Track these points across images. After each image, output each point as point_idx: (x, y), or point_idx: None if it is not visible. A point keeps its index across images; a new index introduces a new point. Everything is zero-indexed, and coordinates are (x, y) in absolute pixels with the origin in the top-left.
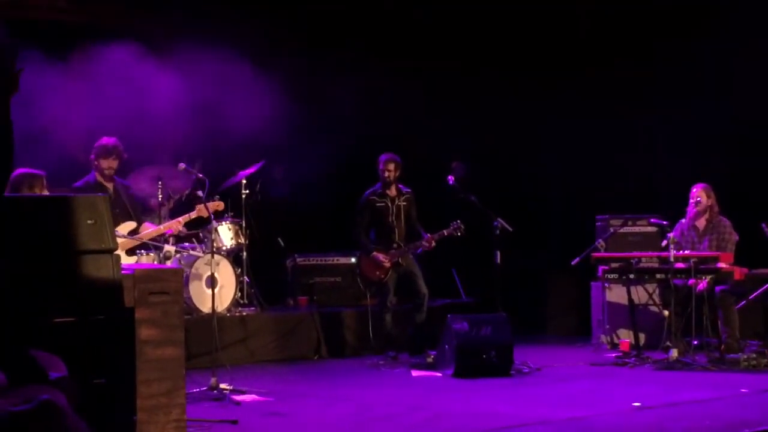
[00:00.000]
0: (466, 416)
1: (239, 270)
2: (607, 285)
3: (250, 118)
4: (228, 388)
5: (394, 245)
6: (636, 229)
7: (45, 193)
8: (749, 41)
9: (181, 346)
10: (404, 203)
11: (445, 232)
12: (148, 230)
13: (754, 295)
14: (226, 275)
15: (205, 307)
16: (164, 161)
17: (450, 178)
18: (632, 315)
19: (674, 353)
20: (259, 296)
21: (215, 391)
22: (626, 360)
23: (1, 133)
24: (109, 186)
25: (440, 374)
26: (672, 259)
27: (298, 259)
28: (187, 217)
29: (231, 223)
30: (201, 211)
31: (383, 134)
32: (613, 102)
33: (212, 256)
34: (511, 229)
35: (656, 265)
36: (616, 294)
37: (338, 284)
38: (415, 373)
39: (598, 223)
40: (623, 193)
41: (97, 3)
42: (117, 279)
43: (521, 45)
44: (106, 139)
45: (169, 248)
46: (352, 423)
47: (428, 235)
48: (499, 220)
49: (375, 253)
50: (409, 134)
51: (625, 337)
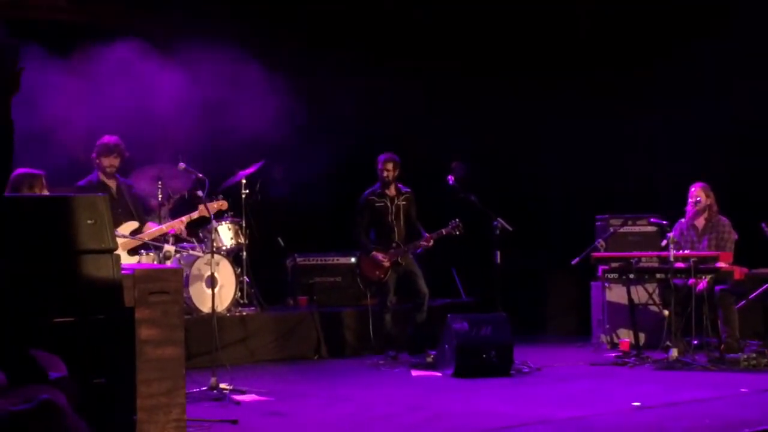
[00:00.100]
0: (466, 416)
1: (239, 270)
2: (607, 285)
3: (249, 118)
4: (228, 387)
5: (394, 245)
6: (636, 228)
7: (45, 193)
8: (749, 41)
9: (181, 346)
10: (403, 203)
11: (443, 231)
12: (151, 230)
13: (754, 294)
14: (226, 275)
15: (205, 307)
16: (164, 160)
17: (450, 177)
18: (632, 315)
19: (674, 353)
20: (259, 296)
21: (215, 391)
22: (626, 360)
23: (2, 133)
24: (112, 185)
25: (440, 374)
26: (672, 259)
27: (298, 259)
28: (189, 217)
29: (231, 222)
30: (203, 211)
31: (383, 134)
32: (613, 102)
33: (212, 256)
34: (511, 229)
35: (656, 264)
36: (616, 294)
37: (338, 284)
38: (415, 373)
39: (598, 223)
40: (623, 193)
41: (97, 3)
42: (117, 279)
43: (521, 45)
44: (107, 138)
45: (169, 248)
46: (352, 423)
47: (427, 234)
48: (499, 219)
49: (374, 252)
50: (409, 134)
51: (625, 336)
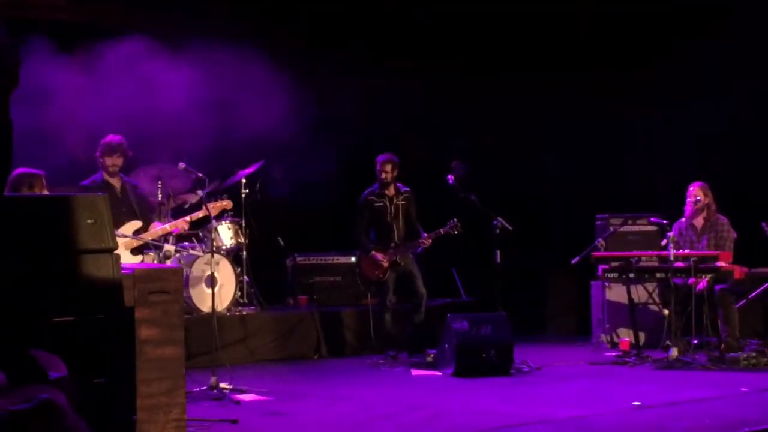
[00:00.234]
0: (466, 415)
1: (239, 269)
2: (607, 284)
3: (249, 118)
4: (228, 387)
5: (392, 244)
6: (636, 228)
7: (45, 193)
8: (749, 41)
9: (181, 346)
10: (403, 202)
11: (441, 231)
12: (155, 229)
13: (754, 294)
14: (226, 275)
15: (205, 307)
16: (164, 160)
17: (450, 177)
18: (632, 314)
19: (674, 352)
20: (259, 296)
21: (215, 391)
22: (626, 359)
23: (1, 133)
24: (116, 185)
25: (440, 373)
26: (672, 258)
27: (298, 259)
28: (192, 216)
29: (231, 222)
30: (207, 210)
31: (383, 134)
32: (613, 102)
33: (212, 256)
34: (511, 229)
35: (656, 264)
36: (616, 293)
37: (338, 284)
38: (415, 373)
39: (598, 222)
40: (623, 193)
41: (97, 2)
42: (117, 278)
43: (521, 45)
44: (111, 137)
45: (168, 247)
46: (352, 422)
47: (425, 234)
48: (499, 219)
49: (373, 252)
50: (409, 134)
51: (625, 336)
